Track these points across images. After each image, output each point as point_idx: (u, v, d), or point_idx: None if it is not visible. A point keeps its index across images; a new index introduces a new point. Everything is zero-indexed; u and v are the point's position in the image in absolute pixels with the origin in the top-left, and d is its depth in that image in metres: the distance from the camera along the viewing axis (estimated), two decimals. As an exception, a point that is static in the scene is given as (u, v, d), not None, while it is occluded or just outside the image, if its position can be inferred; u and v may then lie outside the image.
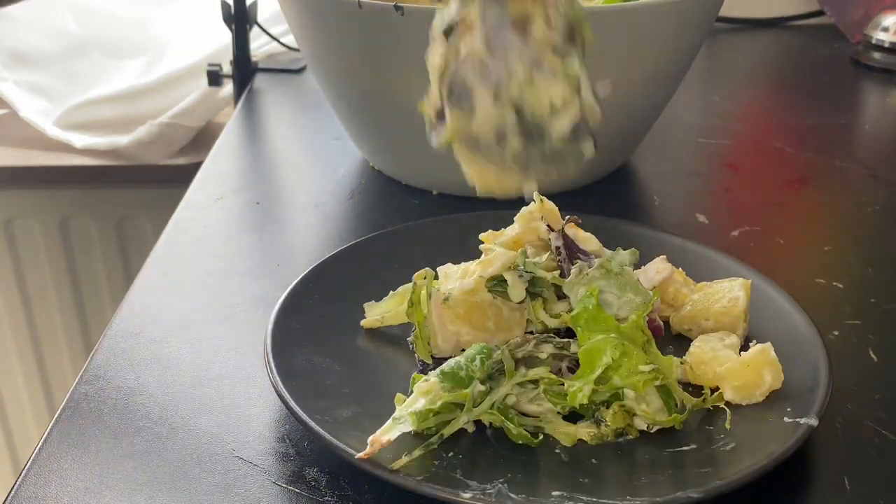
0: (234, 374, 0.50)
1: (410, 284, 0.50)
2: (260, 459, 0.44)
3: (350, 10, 0.62)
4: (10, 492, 0.42)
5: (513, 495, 0.39)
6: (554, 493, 0.39)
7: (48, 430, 0.46)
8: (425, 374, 0.45)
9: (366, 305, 0.51)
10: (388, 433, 0.40)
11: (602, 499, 0.38)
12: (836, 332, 0.54)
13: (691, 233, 0.67)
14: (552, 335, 0.46)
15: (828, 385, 0.44)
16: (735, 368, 0.45)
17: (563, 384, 0.44)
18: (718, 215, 0.71)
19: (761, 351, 0.45)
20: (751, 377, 0.45)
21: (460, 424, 0.42)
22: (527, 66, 0.39)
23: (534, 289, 0.48)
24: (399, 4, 0.60)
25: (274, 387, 0.44)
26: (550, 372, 0.45)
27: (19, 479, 0.43)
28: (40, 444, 0.45)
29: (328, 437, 0.41)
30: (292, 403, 0.43)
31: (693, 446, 0.43)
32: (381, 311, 0.51)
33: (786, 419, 0.43)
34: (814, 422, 0.42)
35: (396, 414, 0.41)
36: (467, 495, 0.38)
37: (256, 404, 0.48)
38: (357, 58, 0.67)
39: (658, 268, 0.50)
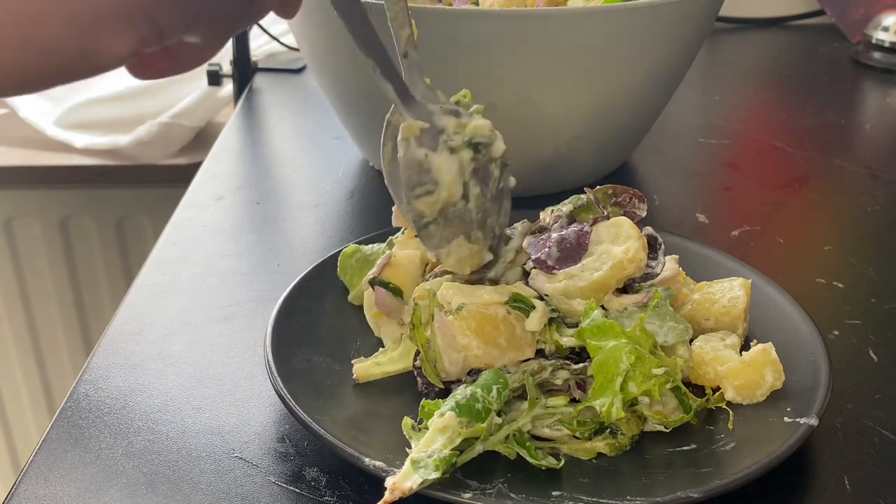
0: (234, 374, 0.50)
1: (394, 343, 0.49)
2: (260, 459, 0.44)
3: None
4: (10, 491, 0.42)
5: (513, 495, 0.39)
6: (554, 493, 0.39)
7: (48, 430, 0.46)
8: (430, 398, 0.45)
9: (354, 362, 0.48)
10: (408, 479, 0.38)
11: (602, 499, 0.39)
12: (836, 332, 0.54)
13: (691, 233, 0.67)
14: (567, 362, 0.45)
15: (828, 385, 0.44)
16: (736, 368, 0.45)
17: (583, 409, 0.43)
18: (718, 215, 0.71)
19: (762, 351, 0.45)
20: (752, 377, 0.45)
21: (474, 454, 0.41)
22: (452, 119, 0.46)
23: (554, 314, 0.47)
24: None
25: (274, 387, 0.44)
26: (570, 399, 0.44)
27: (19, 479, 0.43)
28: (40, 444, 0.45)
29: (328, 437, 0.41)
30: (292, 403, 0.43)
31: (693, 446, 0.43)
32: (376, 359, 0.49)
33: (786, 419, 0.43)
34: (814, 422, 0.42)
35: (415, 455, 0.39)
36: (467, 495, 0.38)
37: (256, 404, 0.48)
38: (357, 58, 0.67)
39: (665, 266, 0.50)
